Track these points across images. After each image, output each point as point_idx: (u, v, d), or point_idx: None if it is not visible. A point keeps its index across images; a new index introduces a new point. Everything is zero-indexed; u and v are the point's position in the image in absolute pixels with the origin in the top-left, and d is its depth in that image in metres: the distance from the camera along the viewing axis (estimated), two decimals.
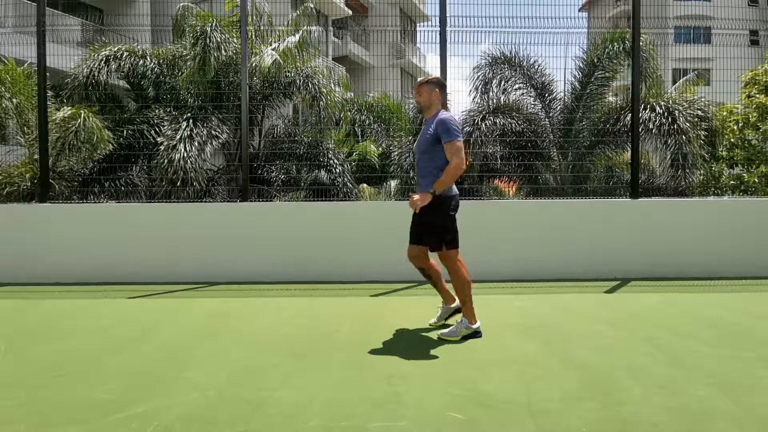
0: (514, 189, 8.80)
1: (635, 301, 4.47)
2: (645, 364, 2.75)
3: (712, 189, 8.44)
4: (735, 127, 8.70)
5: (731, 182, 8.57)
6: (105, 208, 5.85)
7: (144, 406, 2.21)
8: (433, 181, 3.20)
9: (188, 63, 7.45)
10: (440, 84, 3.35)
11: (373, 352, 3.01)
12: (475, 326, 3.24)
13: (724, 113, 8.75)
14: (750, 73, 8.91)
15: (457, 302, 3.45)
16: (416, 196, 3.19)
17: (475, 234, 5.49)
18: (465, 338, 3.22)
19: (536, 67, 8.76)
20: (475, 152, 8.06)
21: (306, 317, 3.88)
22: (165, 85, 8.20)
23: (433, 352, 3.01)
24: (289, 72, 8.19)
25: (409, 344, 3.17)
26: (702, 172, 8.40)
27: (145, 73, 8.07)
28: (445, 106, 3.42)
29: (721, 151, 8.70)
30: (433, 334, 3.29)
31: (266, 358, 2.89)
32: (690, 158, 7.72)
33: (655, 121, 7.83)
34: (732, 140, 8.71)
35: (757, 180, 8.24)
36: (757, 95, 8.65)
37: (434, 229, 3.21)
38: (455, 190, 3.31)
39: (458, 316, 3.33)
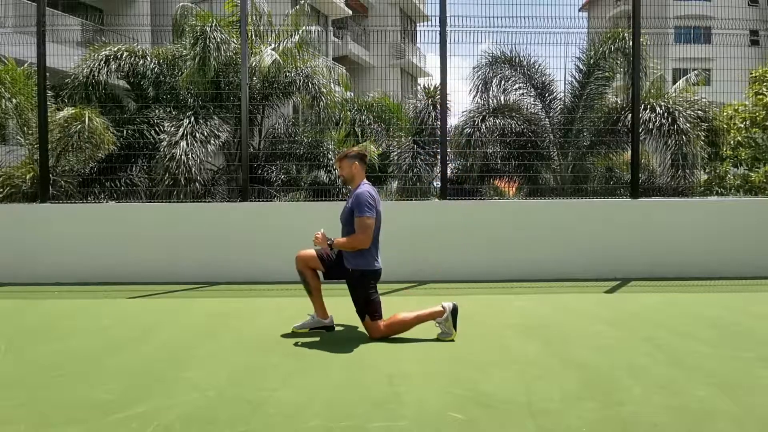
0: (514, 189, 8.80)
1: (635, 301, 4.47)
2: (645, 364, 2.75)
3: (716, 189, 8.43)
4: (741, 125, 8.69)
5: (737, 182, 8.57)
6: (105, 208, 5.85)
7: (144, 406, 2.21)
8: (353, 254, 3.27)
9: (188, 63, 7.45)
10: (360, 156, 3.43)
11: (373, 352, 3.01)
12: (445, 313, 3.22)
13: (730, 111, 8.73)
14: (760, 70, 8.89)
15: (330, 317, 3.49)
16: (319, 235, 3.30)
17: (475, 234, 5.51)
18: (454, 321, 3.22)
19: (536, 67, 8.76)
20: (475, 152, 8.07)
21: (306, 317, 3.87)
22: (165, 85, 8.20)
23: (432, 352, 3.01)
24: (289, 72, 8.19)
25: (409, 344, 3.17)
26: (704, 171, 8.40)
27: (145, 73, 8.07)
28: (365, 177, 3.46)
29: (726, 150, 8.69)
30: (433, 334, 3.29)
31: (266, 358, 2.89)
32: (690, 158, 7.72)
33: (655, 121, 7.84)
34: (738, 139, 8.70)
35: (763, 179, 8.22)
36: (766, 93, 8.63)
37: (358, 302, 3.30)
38: (378, 264, 3.36)
39: (439, 318, 3.30)
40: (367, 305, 3.28)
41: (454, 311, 3.25)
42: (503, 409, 2.17)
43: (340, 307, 3.68)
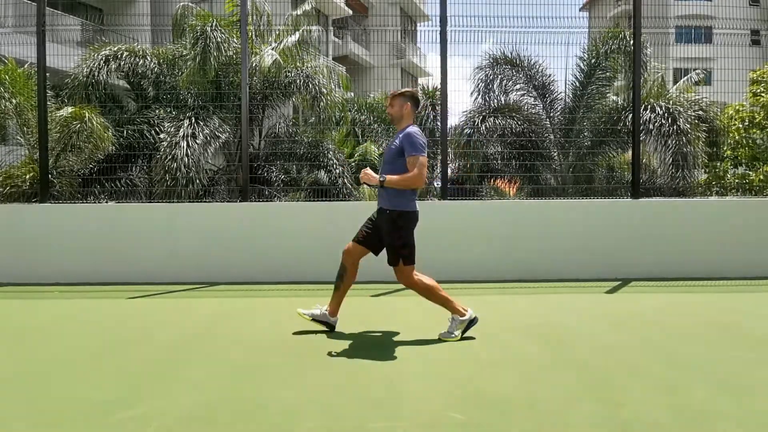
0: (514, 189, 8.80)
1: (635, 301, 4.46)
2: (645, 364, 2.75)
3: (716, 188, 8.43)
4: (740, 126, 8.69)
5: (736, 181, 8.56)
6: (105, 208, 5.85)
7: (144, 406, 2.21)
8: (393, 193, 3.17)
9: (188, 63, 7.45)
10: (413, 98, 3.33)
11: (373, 352, 3.01)
12: (467, 316, 3.23)
13: (730, 112, 8.73)
14: (758, 72, 8.89)
15: (336, 318, 3.44)
16: (369, 171, 3.18)
17: (475, 234, 5.51)
18: (466, 329, 3.21)
19: (537, 67, 8.76)
20: (475, 152, 8.06)
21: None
22: (165, 84, 8.19)
23: (432, 351, 3.01)
24: (289, 72, 8.18)
25: (409, 344, 3.17)
26: (704, 171, 8.39)
27: (145, 72, 8.06)
28: (415, 121, 3.40)
29: (725, 150, 8.69)
30: (433, 334, 3.29)
31: (266, 359, 2.89)
32: (690, 159, 7.72)
33: (656, 122, 7.83)
34: (737, 139, 8.70)
35: (762, 178, 8.22)
36: (764, 93, 8.63)
37: (392, 244, 3.21)
38: (416, 206, 3.27)
39: (449, 315, 3.30)
40: (403, 248, 3.19)
41: (473, 322, 3.24)
42: (503, 409, 2.17)
43: (342, 307, 3.67)
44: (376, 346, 3.13)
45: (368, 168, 3.23)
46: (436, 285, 3.25)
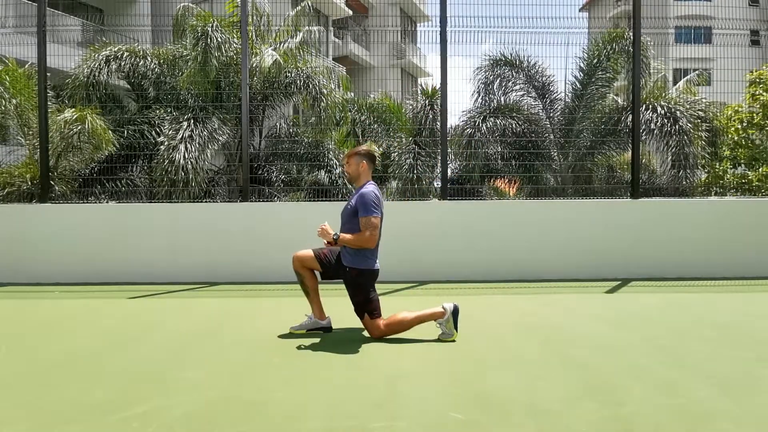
0: (514, 189, 8.80)
1: (635, 301, 4.46)
2: (645, 364, 2.75)
3: (715, 189, 8.43)
4: (739, 126, 8.70)
5: (735, 181, 8.57)
6: (105, 208, 5.86)
7: (144, 406, 2.21)
8: (352, 252, 3.25)
9: (189, 63, 7.45)
10: (369, 156, 3.40)
11: (373, 352, 3.01)
12: (447, 313, 3.20)
13: (729, 112, 8.74)
14: (755, 73, 8.90)
15: (327, 318, 3.47)
16: (327, 226, 3.30)
17: (475, 234, 5.51)
18: (455, 322, 3.20)
19: (537, 67, 8.76)
20: (476, 153, 8.06)
21: (303, 318, 3.87)
22: (165, 85, 8.20)
23: (432, 352, 3.01)
24: (289, 72, 8.19)
25: (409, 344, 3.17)
26: (704, 171, 8.40)
27: (146, 73, 8.07)
28: (372, 177, 3.45)
29: (724, 151, 8.70)
30: (433, 334, 3.29)
31: (266, 359, 2.89)
32: (691, 159, 7.72)
33: (657, 122, 7.83)
34: (735, 139, 8.71)
35: (761, 178, 8.23)
36: (763, 93, 8.63)
37: (356, 301, 3.28)
38: (375, 264, 3.32)
39: (440, 320, 3.30)
40: (366, 304, 3.27)
41: (455, 312, 3.24)
42: (503, 409, 2.17)
43: (340, 307, 3.68)
44: (376, 346, 3.13)
45: (326, 223, 3.32)
46: (401, 316, 3.27)
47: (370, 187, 3.29)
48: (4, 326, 3.72)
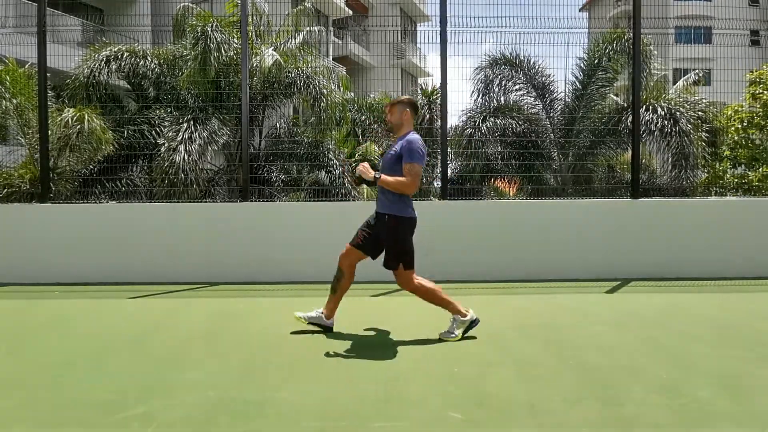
0: (514, 189, 8.80)
1: (635, 301, 4.46)
2: (645, 364, 2.75)
3: (716, 189, 8.44)
4: (739, 126, 8.70)
5: (735, 181, 8.57)
6: (105, 208, 5.85)
7: (144, 406, 2.21)
8: (391, 198, 3.19)
9: (189, 63, 7.45)
10: (412, 105, 3.34)
11: (373, 352, 3.01)
12: (468, 317, 3.24)
13: (729, 112, 8.74)
14: (756, 73, 8.91)
15: (332, 320, 3.45)
16: (367, 165, 3.20)
17: (475, 234, 5.51)
18: (467, 329, 3.22)
19: (537, 67, 8.77)
20: (476, 153, 8.06)
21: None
22: (165, 85, 8.20)
23: (432, 351, 3.01)
24: (289, 72, 8.19)
25: (409, 344, 3.17)
26: (705, 171, 8.40)
27: (146, 73, 8.07)
28: (414, 127, 3.41)
29: (724, 151, 8.70)
30: (433, 334, 3.29)
31: (266, 359, 2.89)
32: (691, 159, 7.72)
33: (657, 122, 7.84)
34: (735, 139, 8.71)
35: (761, 178, 8.23)
36: (764, 92, 8.63)
37: (391, 250, 3.23)
38: (414, 212, 3.28)
39: (450, 316, 3.31)
40: (402, 254, 3.20)
41: (474, 323, 3.25)
42: (503, 409, 2.17)
43: (342, 307, 3.68)
44: (376, 346, 3.14)
45: (366, 163, 3.23)
46: (436, 287, 3.26)
47: (416, 135, 3.23)
48: (4, 326, 3.72)
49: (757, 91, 8.76)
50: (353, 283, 3.38)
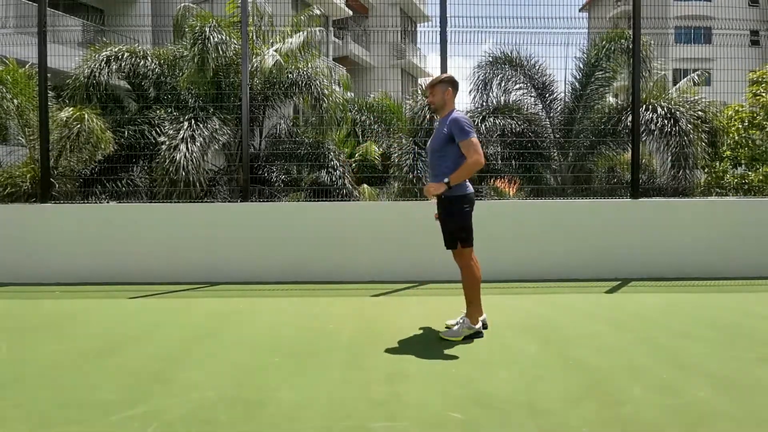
0: (514, 189, 8.80)
1: (635, 301, 4.46)
2: (645, 364, 2.75)
3: (716, 189, 8.43)
4: (740, 126, 8.69)
5: (735, 181, 8.57)
6: (105, 208, 5.86)
7: (144, 406, 2.21)
8: (444, 177, 3.18)
9: (188, 63, 7.46)
10: (452, 82, 3.32)
11: (373, 352, 3.01)
12: (477, 327, 3.25)
13: (730, 112, 8.74)
14: (757, 73, 8.90)
15: (483, 316, 3.39)
16: (432, 185, 3.19)
17: (475, 234, 5.50)
18: (470, 337, 3.23)
19: (537, 67, 8.76)
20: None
21: (306, 317, 3.88)
22: (166, 85, 8.20)
23: (433, 351, 3.01)
24: (290, 73, 8.20)
25: (409, 344, 3.17)
26: (705, 171, 8.39)
27: (146, 73, 8.07)
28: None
29: (725, 151, 8.69)
30: (434, 334, 3.29)
31: (266, 358, 2.89)
32: (692, 159, 7.72)
33: (657, 122, 7.83)
34: (736, 139, 8.71)
35: (762, 178, 8.22)
36: (764, 93, 8.63)
37: (448, 227, 3.23)
38: (470, 187, 3.27)
39: (460, 317, 3.32)
40: (461, 231, 3.21)
41: (478, 335, 3.26)
42: (503, 409, 2.17)
43: (343, 307, 3.67)
44: (376, 346, 3.14)
45: (429, 183, 3.21)
46: (480, 283, 3.28)
47: (460, 113, 3.22)
48: (4, 326, 3.72)
49: (759, 91, 8.76)
50: (354, 283, 3.38)
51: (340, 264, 5.42)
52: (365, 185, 8.78)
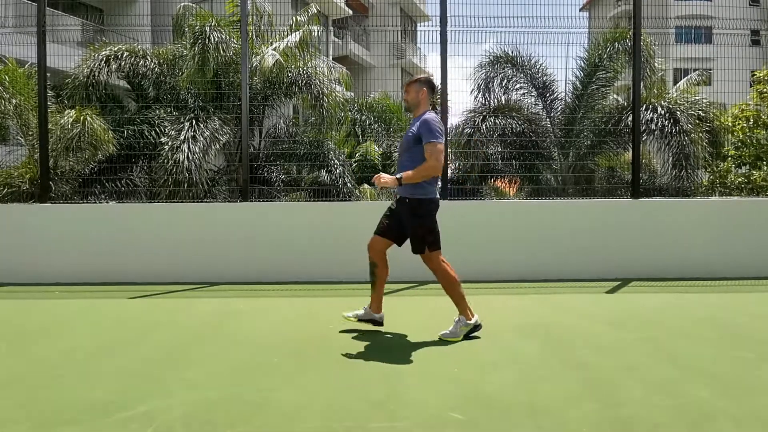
0: (514, 189, 8.80)
1: (635, 301, 4.46)
2: (645, 364, 2.75)
3: (718, 189, 8.42)
4: (745, 125, 8.68)
5: (738, 181, 8.55)
6: (105, 209, 5.86)
7: (144, 406, 2.21)
8: (411, 183, 3.17)
9: (188, 63, 7.45)
10: (429, 83, 3.31)
11: (373, 352, 3.01)
12: (473, 321, 3.24)
13: (735, 111, 8.72)
14: (764, 71, 8.88)
15: (381, 314, 3.45)
16: (383, 175, 3.17)
17: (475, 234, 5.51)
18: (467, 335, 3.22)
19: (537, 66, 8.76)
20: (475, 152, 8.05)
21: (306, 317, 3.88)
22: (165, 85, 8.20)
23: (432, 352, 3.01)
24: (290, 72, 8.19)
25: (409, 344, 3.17)
26: (706, 171, 8.39)
27: (146, 73, 8.07)
28: (433, 107, 3.39)
29: (727, 150, 8.68)
30: (434, 334, 3.29)
31: (266, 358, 2.89)
32: (692, 159, 7.72)
33: (657, 122, 7.83)
34: (741, 138, 8.70)
35: (765, 178, 8.21)
36: None
37: (417, 232, 3.21)
38: (435, 193, 3.25)
39: (455, 316, 3.31)
40: (428, 235, 3.18)
41: (477, 328, 3.25)
42: (503, 409, 2.17)
43: (343, 307, 3.68)
44: (376, 346, 3.13)
45: (381, 173, 3.21)
46: (458, 281, 3.26)
47: (432, 114, 3.21)
48: (3, 326, 3.72)
49: (764, 90, 8.74)
50: (354, 283, 3.38)
51: (340, 264, 5.41)
52: (365, 185, 8.77)
